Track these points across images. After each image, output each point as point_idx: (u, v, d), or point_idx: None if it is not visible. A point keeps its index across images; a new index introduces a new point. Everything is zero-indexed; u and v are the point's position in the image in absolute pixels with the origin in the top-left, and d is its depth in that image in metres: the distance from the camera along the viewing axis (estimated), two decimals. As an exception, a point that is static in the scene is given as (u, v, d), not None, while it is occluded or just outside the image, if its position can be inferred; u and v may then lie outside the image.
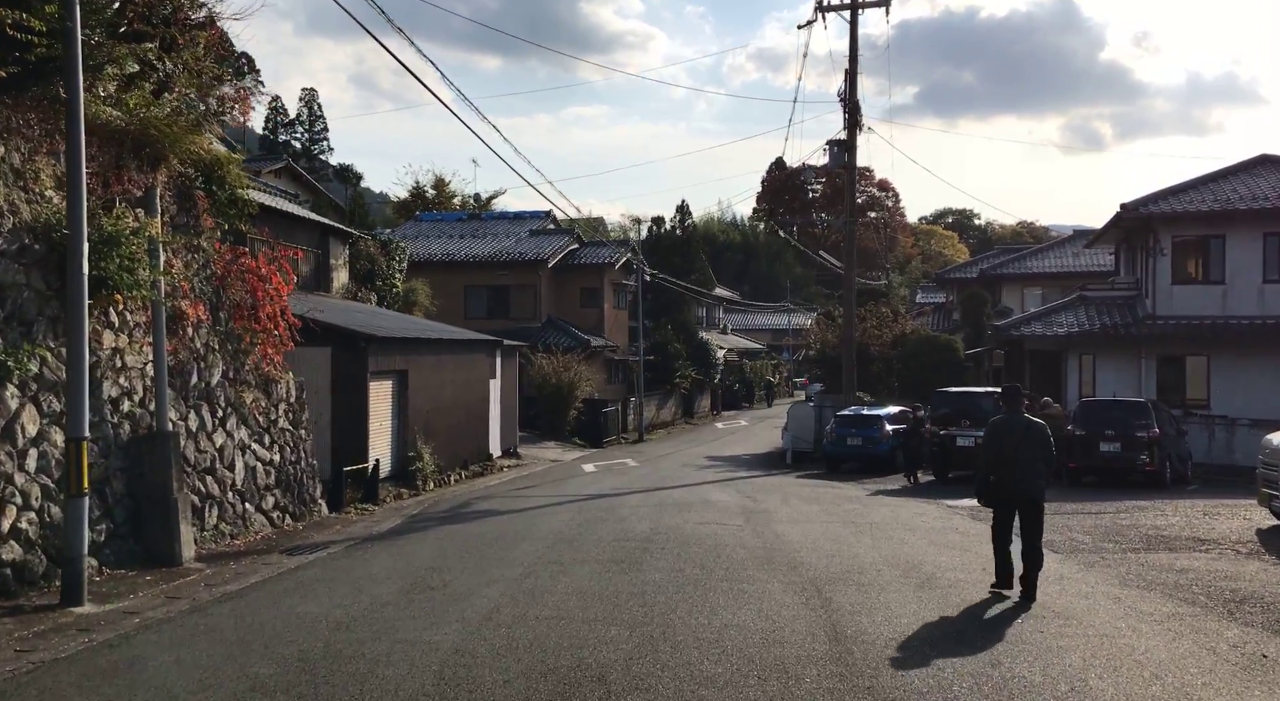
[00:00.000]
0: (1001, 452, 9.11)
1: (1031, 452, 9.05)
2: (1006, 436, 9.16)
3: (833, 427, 25.03)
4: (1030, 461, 9.05)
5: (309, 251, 24.42)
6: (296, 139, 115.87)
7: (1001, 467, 9.11)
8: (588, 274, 41.22)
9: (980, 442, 9.81)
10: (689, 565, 10.46)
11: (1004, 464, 9.09)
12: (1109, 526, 13.99)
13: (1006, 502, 9.24)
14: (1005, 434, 9.19)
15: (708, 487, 20.03)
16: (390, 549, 11.93)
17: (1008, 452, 9.07)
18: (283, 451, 13.82)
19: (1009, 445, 9.09)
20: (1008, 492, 9.16)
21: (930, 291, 63.99)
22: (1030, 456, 9.05)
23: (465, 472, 22.56)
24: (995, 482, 9.19)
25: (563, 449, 31.43)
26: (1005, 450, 9.09)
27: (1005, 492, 9.18)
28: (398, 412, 19.37)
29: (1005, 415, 9.48)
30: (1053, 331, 26.92)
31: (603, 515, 15.06)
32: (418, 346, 20.35)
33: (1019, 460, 9.04)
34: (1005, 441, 9.14)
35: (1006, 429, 9.23)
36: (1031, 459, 9.05)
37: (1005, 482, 9.12)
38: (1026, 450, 9.04)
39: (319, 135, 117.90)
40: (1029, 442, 9.07)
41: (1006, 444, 9.11)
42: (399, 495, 18.23)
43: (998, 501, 9.28)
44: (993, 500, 9.33)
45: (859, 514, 15.40)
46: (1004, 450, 9.10)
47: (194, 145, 11.56)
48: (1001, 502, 9.27)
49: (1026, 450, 9.04)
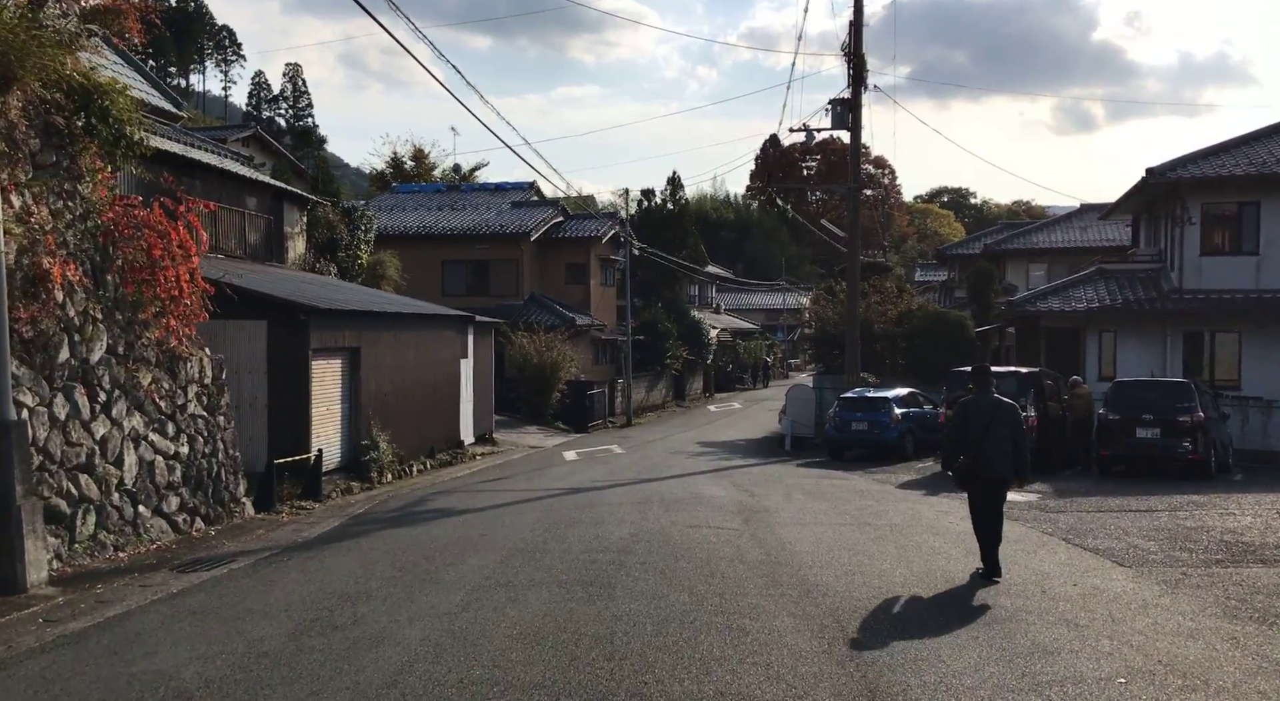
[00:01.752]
0: (970, 433, 8.99)
1: (1000, 433, 8.91)
2: (976, 417, 9.04)
3: (836, 411, 22.87)
4: (1000, 440, 8.91)
5: (259, 217, 22.10)
6: (280, 114, 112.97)
7: (971, 448, 8.97)
8: (573, 248, 38.89)
9: (949, 420, 9.59)
10: (674, 588, 8.28)
11: (974, 444, 8.95)
12: (1171, 529, 11.85)
13: (981, 483, 9.08)
14: (975, 414, 9.07)
15: (700, 479, 17.85)
16: (308, 563, 9.72)
17: (976, 433, 8.94)
18: (193, 442, 11.57)
19: (978, 425, 8.96)
20: (982, 472, 9.00)
21: (929, 269, 61.92)
22: (999, 436, 8.91)
23: (431, 462, 20.34)
24: (968, 464, 9.04)
25: (544, 434, 29.23)
26: (974, 430, 8.97)
27: (975, 472, 9.03)
28: (349, 395, 17.12)
29: (975, 395, 9.30)
30: (1071, 307, 24.79)
31: (577, 515, 12.88)
32: (373, 321, 18.06)
33: (989, 440, 8.89)
34: (974, 422, 9.01)
35: (976, 409, 9.11)
36: (1000, 438, 8.91)
37: (975, 462, 8.98)
38: (996, 430, 8.90)
39: (303, 111, 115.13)
40: (998, 423, 8.92)
41: (975, 424, 8.99)
42: (348, 489, 16.01)
43: (973, 483, 9.13)
44: (966, 482, 9.21)
45: (873, 512, 13.25)
46: (973, 430, 8.97)
47: (60, 64, 9.26)
48: (977, 484, 9.11)
49: (996, 430, 8.90)
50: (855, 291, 26.29)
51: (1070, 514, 13.38)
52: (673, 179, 46.79)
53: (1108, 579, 9.03)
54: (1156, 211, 27.75)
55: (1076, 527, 12.06)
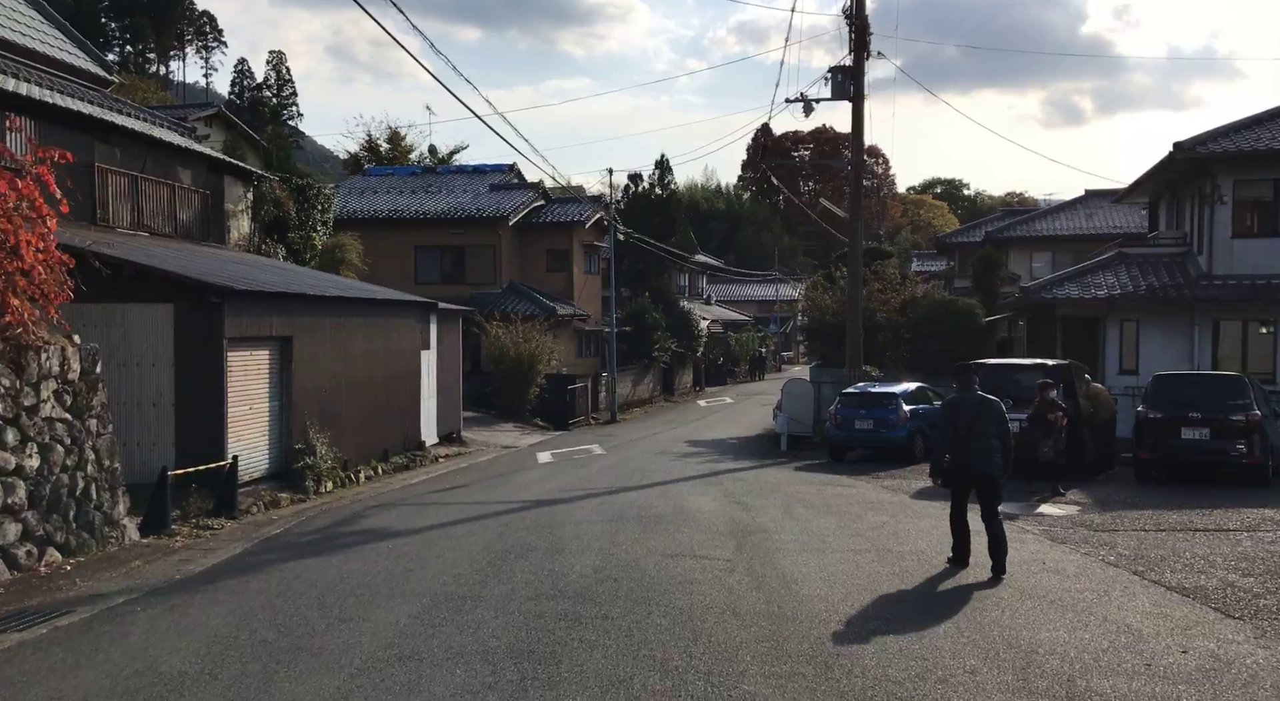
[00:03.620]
0: (957, 432, 8.98)
1: (986, 430, 8.90)
2: (961, 415, 9.03)
3: (838, 408, 20.60)
4: (985, 437, 8.89)
5: (194, 192, 19.73)
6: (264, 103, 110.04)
7: (957, 446, 8.99)
8: (555, 234, 36.52)
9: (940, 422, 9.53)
10: (643, 665, 6.00)
11: (959, 442, 8.97)
12: (1264, 557, 9.61)
13: (963, 481, 9.12)
14: (960, 412, 9.06)
15: (686, 487, 15.58)
16: (163, 618, 7.39)
17: (962, 431, 8.94)
18: (46, 453, 9.23)
19: (964, 423, 8.95)
20: (965, 471, 9.02)
21: (927, 259, 59.76)
22: (984, 432, 8.90)
23: (384, 466, 18.01)
24: (952, 462, 9.09)
25: (521, 432, 26.92)
26: (960, 428, 8.96)
27: (962, 471, 9.04)
28: (279, 392, 14.78)
29: (959, 393, 9.29)
30: (1091, 294, 22.57)
31: (534, 539, 10.58)
32: (310, 306, 15.68)
33: (974, 437, 8.89)
34: (960, 420, 9.00)
35: (961, 407, 9.10)
36: (985, 435, 8.90)
37: (961, 461, 9.00)
38: (981, 427, 8.90)
39: (287, 100, 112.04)
40: (984, 420, 8.91)
41: (961, 422, 8.98)
42: (275, 502, 13.67)
43: (954, 480, 9.17)
44: (950, 480, 9.21)
45: (892, 534, 10.99)
46: (959, 429, 8.97)
47: None
48: (958, 481, 9.15)
49: (981, 427, 8.90)
50: (857, 276, 24.03)
51: (1126, 533, 11.15)
52: (661, 162, 44.32)
53: (1222, 639, 6.79)
54: (1180, 191, 25.53)
55: (1143, 554, 9.84)
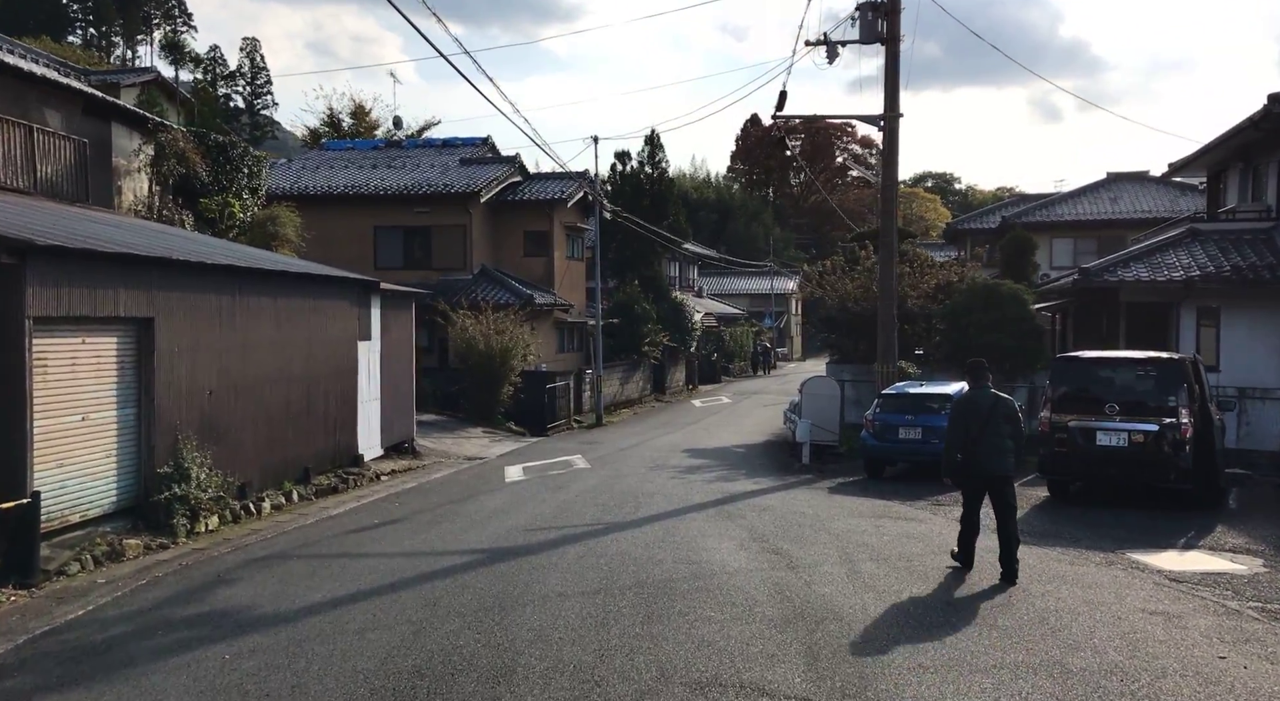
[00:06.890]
0: (969, 431, 8.72)
1: (998, 429, 8.68)
2: (973, 414, 8.80)
3: (877, 413, 16.61)
4: (998, 437, 8.68)
5: (67, 139, 15.52)
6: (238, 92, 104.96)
7: (968, 446, 8.72)
8: (533, 213, 32.34)
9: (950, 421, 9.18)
10: None
11: (971, 442, 8.71)
12: None
13: (975, 482, 8.83)
14: (971, 411, 8.84)
15: (697, 523, 11.50)
16: None
17: (974, 431, 8.69)
18: None
19: (975, 422, 8.71)
20: (976, 471, 8.74)
21: (930, 249, 56.07)
22: (998, 432, 8.68)
23: (302, 490, 13.83)
24: (963, 462, 8.81)
25: (490, 439, 22.79)
26: (972, 428, 8.70)
27: (973, 471, 8.77)
28: (137, 395, 10.59)
29: (971, 391, 9.07)
30: (1166, 276, 18.71)
31: (469, 642, 6.49)
32: (183, 276, 11.45)
33: (986, 437, 8.66)
34: (972, 419, 8.75)
35: (972, 405, 8.88)
36: (999, 435, 8.68)
37: (973, 461, 8.73)
38: (994, 426, 8.67)
39: (261, 88, 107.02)
40: (995, 419, 8.69)
41: (973, 421, 8.73)
42: (117, 552, 9.50)
43: (966, 481, 8.89)
44: (961, 481, 8.97)
45: (1041, 621, 6.97)
46: (970, 428, 8.71)
47: None
48: (970, 482, 8.86)
49: (994, 426, 8.67)
50: (892, 253, 20.02)
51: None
52: (651, 138, 40.05)
53: None
54: (1258, 159, 21.65)
55: None
